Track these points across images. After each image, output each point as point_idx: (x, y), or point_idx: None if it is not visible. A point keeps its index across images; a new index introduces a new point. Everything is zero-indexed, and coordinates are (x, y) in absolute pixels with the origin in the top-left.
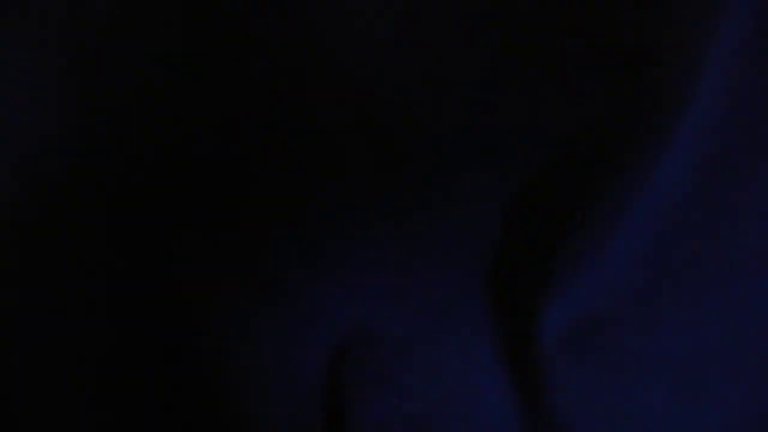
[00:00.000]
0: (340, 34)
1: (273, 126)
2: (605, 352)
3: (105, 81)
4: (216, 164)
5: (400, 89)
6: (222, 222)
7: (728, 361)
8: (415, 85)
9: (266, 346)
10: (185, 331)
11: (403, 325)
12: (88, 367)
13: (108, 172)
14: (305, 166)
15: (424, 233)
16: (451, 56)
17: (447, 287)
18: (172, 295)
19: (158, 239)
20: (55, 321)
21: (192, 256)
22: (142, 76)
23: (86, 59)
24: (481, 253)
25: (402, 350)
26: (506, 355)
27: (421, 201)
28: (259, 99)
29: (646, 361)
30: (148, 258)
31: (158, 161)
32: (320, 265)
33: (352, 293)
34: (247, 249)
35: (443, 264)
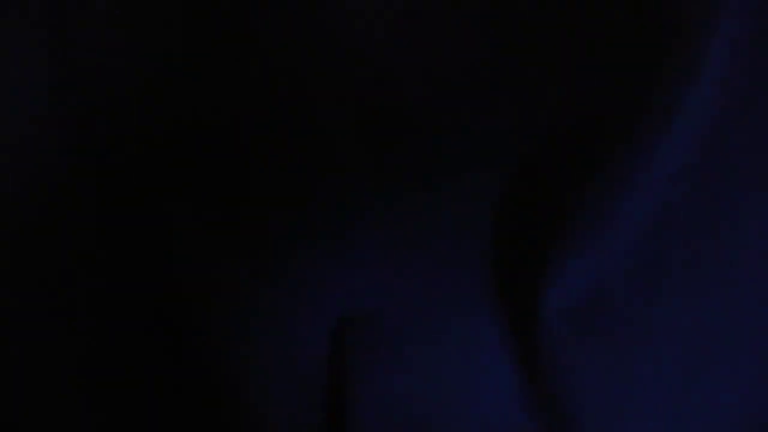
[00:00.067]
0: (340, 34)
1: (273, 126)
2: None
3: (105, 81)
4: (216, 163)
5: (399, 89)
6: (222, 220)
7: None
8: (414, 85)
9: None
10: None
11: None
12: (88, 367)
13: (108, 172)
14: (305, 165)
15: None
16: (451, 56)
17: (448, 267)
18: (171, 294)
19: (158, 238)
20: (54, 320)
21: (192, 256)
22: (142, 76)
23: (86, 59)
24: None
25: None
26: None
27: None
28: (259, 99)
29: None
30: (147, 257)
31: (158, 161)
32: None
33: (352, 274)
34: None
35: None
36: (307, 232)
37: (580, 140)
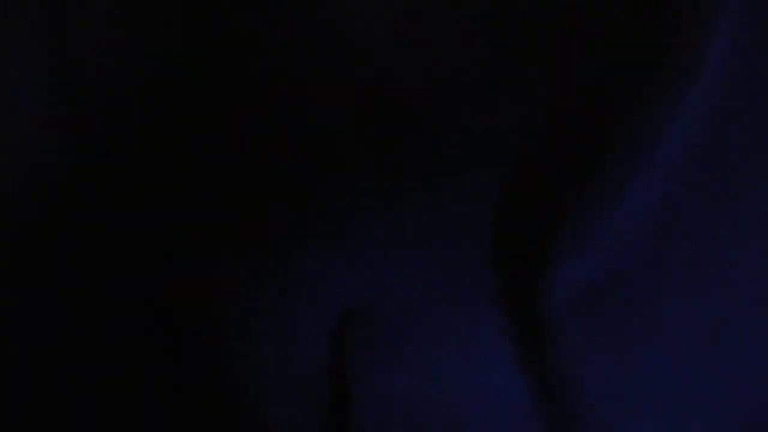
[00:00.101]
0: (340, 34)
1: (273, 126)
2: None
3: (105, 81)
4: (216, 163)
5: (399, 89)
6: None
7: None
8: (414, 85)
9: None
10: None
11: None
12: (88, 367)
13: (108, 172)
14: (305, 165)
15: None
16: (451, 56)
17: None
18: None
19: (158, 238)
20: (54, 320)
21: (192, 256)
22: (142, 76)
23: (86, 59)
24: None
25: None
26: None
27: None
28: (259, 99)
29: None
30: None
31: (158, 161)
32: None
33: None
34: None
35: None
36: (307, 232)
37: (580, 140)
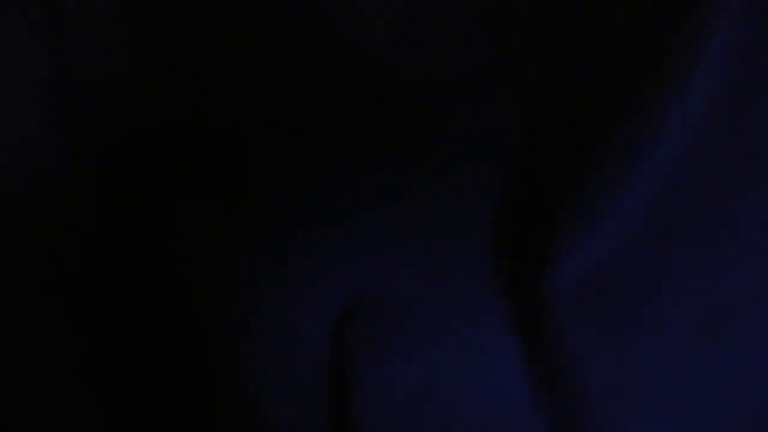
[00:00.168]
0: (340, 34)
1: (273, 126)
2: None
3: (105, 81)
4: (216, 163)
5: (399, 89)
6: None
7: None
8: (414, 85)
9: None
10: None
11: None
12: (88, 367)
13: (108, 172)
14: (305, 165)
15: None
16: (451, 56)
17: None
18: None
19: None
20: (54, 320)
21: (192, 256)
22: (142, 76)
23: (86, 59)
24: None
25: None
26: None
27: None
28: (259, 99)
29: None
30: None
31: (158, 161)
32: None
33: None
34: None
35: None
36: (306, 232)
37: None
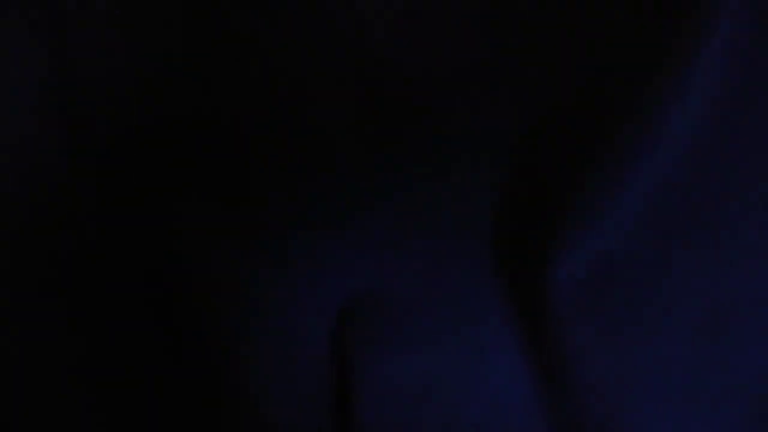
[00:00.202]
0: (341, 34)
1: (273, 126)
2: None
3: (105, 81)
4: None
5: (399, 88)
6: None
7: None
8: (415, 85)
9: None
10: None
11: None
12: (88, 367)
13: (108, 172)
14: (305, 165)
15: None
16: (451, 56)
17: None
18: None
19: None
20: (54, 320)
21: (192, 256)
22: (142, 76)
23: (86, 59)
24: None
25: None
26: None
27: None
28: (259, 99)
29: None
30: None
31: (158, 161)
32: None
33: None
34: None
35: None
36: (306, 232)
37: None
